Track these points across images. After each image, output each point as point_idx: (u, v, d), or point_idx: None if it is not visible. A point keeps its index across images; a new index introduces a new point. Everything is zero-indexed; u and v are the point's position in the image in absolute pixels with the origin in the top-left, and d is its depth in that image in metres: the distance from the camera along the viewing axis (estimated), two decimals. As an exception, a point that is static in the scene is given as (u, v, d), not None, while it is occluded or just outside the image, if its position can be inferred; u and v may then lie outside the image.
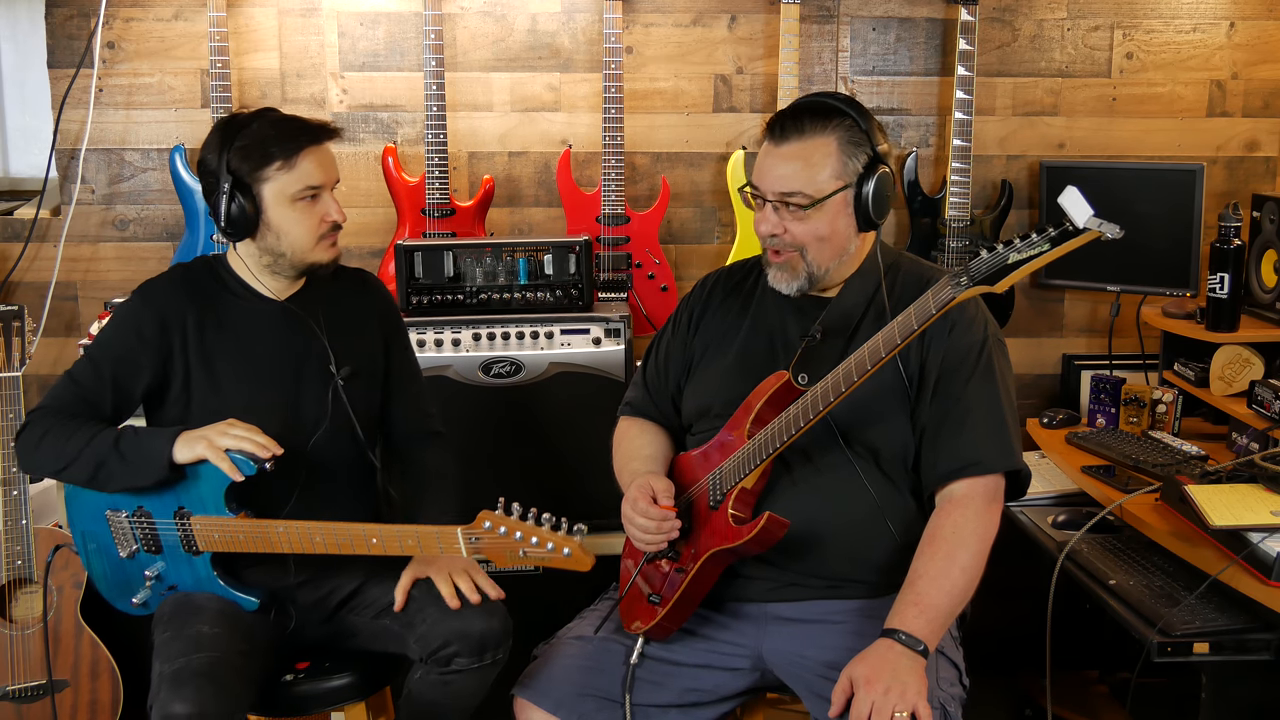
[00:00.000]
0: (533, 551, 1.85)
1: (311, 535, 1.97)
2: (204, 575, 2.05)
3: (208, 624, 1.95)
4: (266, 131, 2.04)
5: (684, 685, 1.94)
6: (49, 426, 2.01)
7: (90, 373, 2.06)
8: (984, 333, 1.92)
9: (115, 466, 1.97)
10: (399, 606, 2.04)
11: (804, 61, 3.19)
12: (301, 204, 2.06)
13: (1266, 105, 3.29)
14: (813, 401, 1.78)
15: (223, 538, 2.00)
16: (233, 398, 2.06)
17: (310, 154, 2.05)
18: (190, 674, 1.83)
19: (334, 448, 2.12)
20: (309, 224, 2.07)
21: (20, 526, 2.58)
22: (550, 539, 1.84)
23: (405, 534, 1.95)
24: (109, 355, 2.06)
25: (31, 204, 3.20)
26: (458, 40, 3.15)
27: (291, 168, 2.04)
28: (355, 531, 1.96)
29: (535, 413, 2.72)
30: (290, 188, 2.04)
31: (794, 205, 1.90)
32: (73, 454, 1.98)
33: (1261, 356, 2.70)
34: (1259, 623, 2.15)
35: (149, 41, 3.11)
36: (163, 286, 2.11)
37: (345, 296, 2.22)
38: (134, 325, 2.07)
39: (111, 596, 2.14)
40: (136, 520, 2.05)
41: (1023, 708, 2.97)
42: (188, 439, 1.96)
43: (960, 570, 1.80)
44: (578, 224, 3.12)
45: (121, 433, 2.00)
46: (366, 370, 2.19)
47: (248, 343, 2.10)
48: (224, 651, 1.89)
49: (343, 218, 2.11)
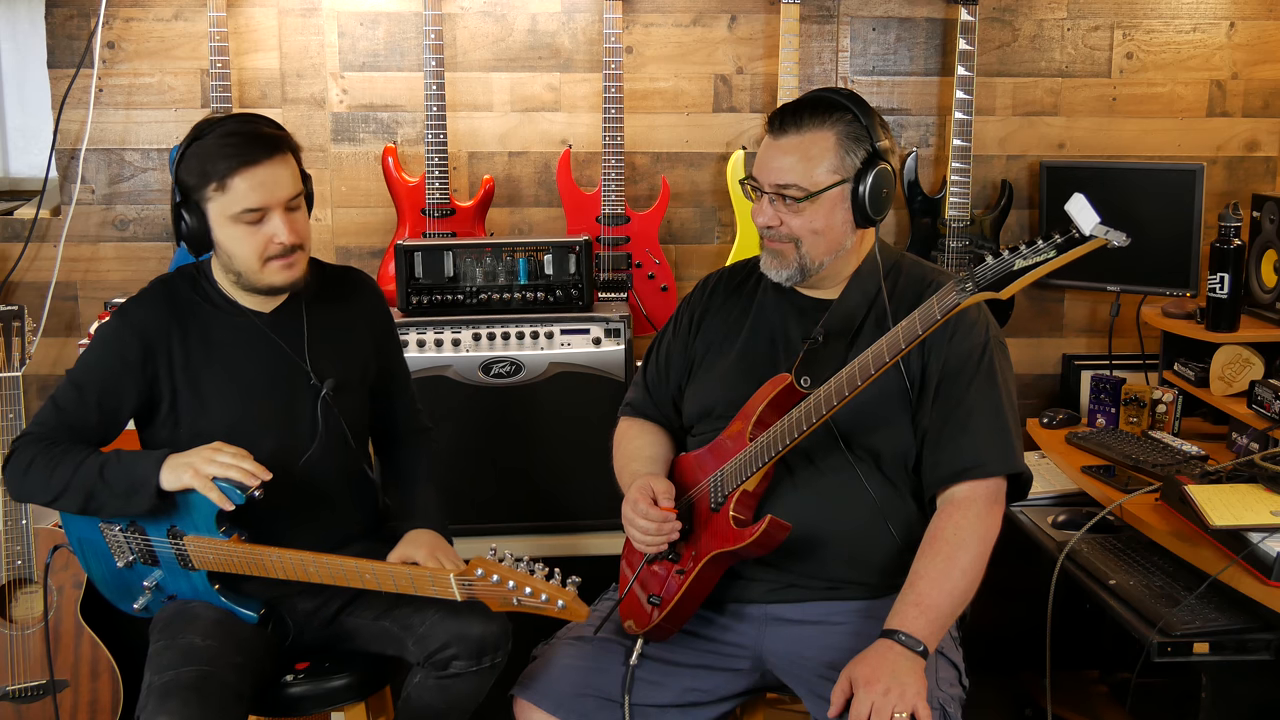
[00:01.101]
0: (526, 601, 1.81)
1: (305, 566, 1.94)
2: (202, 588, 2.03)
3: (201, 635, 1.92)
4: (209, 148, 1.94)
5: (683, 685, 1.94)
6: (34, 456, 1.96)
7: (74, 398, 2.00)
8: (985, 335, 1.92)
9: (105, 498, 1.94)
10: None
11: (804, 61, 3.19)
12: (244, 226, 1.95)
13: (1266, 105, 3.29)
14: (815, 405, 1.77)
15: (217, 559, 1.98)
16: (221, 417, 2.01)
17: (245, 175, 1.92)
18: (178, 687, 1.81)
19: (329, 460, 2.09)
20: (253, 246, 1.96)
21: (20, 526, 2.58)
22: (544, 590, 1.80)
23: (399, 575, 1.92)
24: (93, 380, 2.01)
25: (31, 204, 3.20)
26: (458, 40, 3.15)
27: (225, 190, 1.93)
28: (349, 566, 1.93)
29: (535, 413, 2.72)
30: (227, 210, 1.94)
31: (790, 198, 1.91)
32: (60, 486, 1.94)
33: (1261, 356, 2.70)
34: (1259, 623, 2.15)
35: (149, 41, 3.11)
36: (145, 306, 2.04)
37: (333, 302, 2.16)
38: (117, 349, 2.01)
39: (114, 598, 2.14)
40: (130, 535, 2.03)
41: (1023, 708, 2.97)
42: (174, 466, 1.90)
43: (961, 572, 1.80)
44: (578, 224, 3.12)
45: (106, 461, 1.94)
46: (355, 378, 2.15)
47: (233, 359, 2.05)
48: (215, 666, 1.87)
49: (295, 239, 1.98)
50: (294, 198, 1.99)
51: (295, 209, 2.00)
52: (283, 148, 1.98)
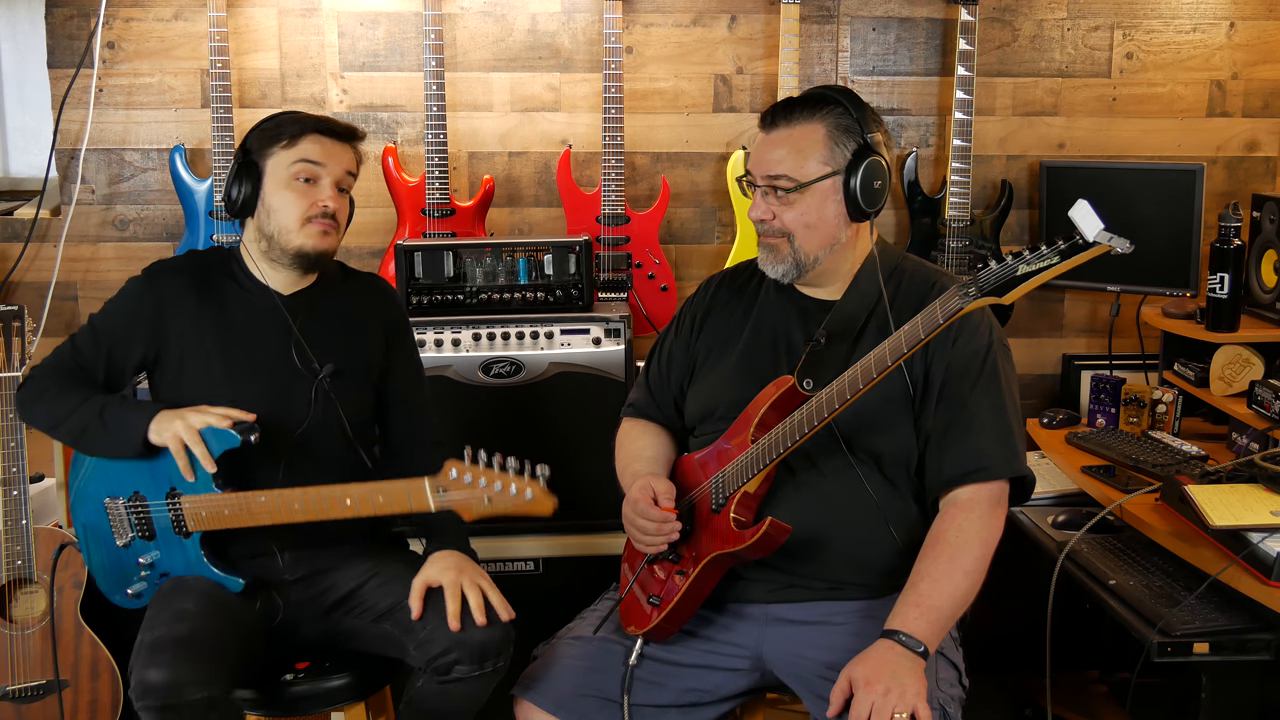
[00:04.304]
0: (496, 498, 1.88)
1: (290, 502, 2.01)
2: (194, 558, 2.09)
3: (192, 602, 1.98)
4: (286, 117, 2.13)
5: (683, 686, 1.94)
6: (47, 385, 2.12)
7: (90, 341, 2.14)
8: (989, 338, 1.92)
9: (97, 434, 2.06)
10: (417, 615, 2.00)
11: (804, 61, 3.19)
12: (297, 184, 2.09)
13: (1266, 105, 3.30)
14: (818, 408, 1.77)
15: (210, 514, 2.05)
16: (222, 387, 2.09)
17: (314, 139, 2.10)
18: (168, 643, 1.86)
19: (325, 446, 2.12)
20: (299, 205, 2.09)
21: (20, 526, 2.58)
22: (513, 482, 1.87)
23: (375, 491, 1.98)
24: (107, 328, 2.14)
25: (31, 204, 3.20)
26: (458, 40, 3.15)
27: (292, 146, 2.09)
28: (331, 494, 2.00)
29: (535, 413, 2.72)
30: (287, 160, 2.09)
31: (781, 190, 1.91)
32: (63, 415, 2.08)
33: (1261, 356, 2.70)
34: (1259, 623, 2.15)
35: (149, 41, 3.12)
36: (171, 270, 2.16)
37: (353, 296, 2.24)
38: (135, 304, 2.13)
39: (108, 589, 2.17)
40: (133, 506, 2.09)
41: (1023, 708, 2.97)
42: (162, 421, 2.01)
43: (963, 573, 1.80)
44: (578, 224, 3.12)
45: (107, 404, 2.07)
46: (359, 370, 2.19)
47: (244, 334, 2.13)
48: (205, 627, 1.92)
49: (336, 206, 2.11)
50: (348, 176, 2.15)
51: (345, 190, 2.15)
52: (354, 138, 2.16)
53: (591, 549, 2.73)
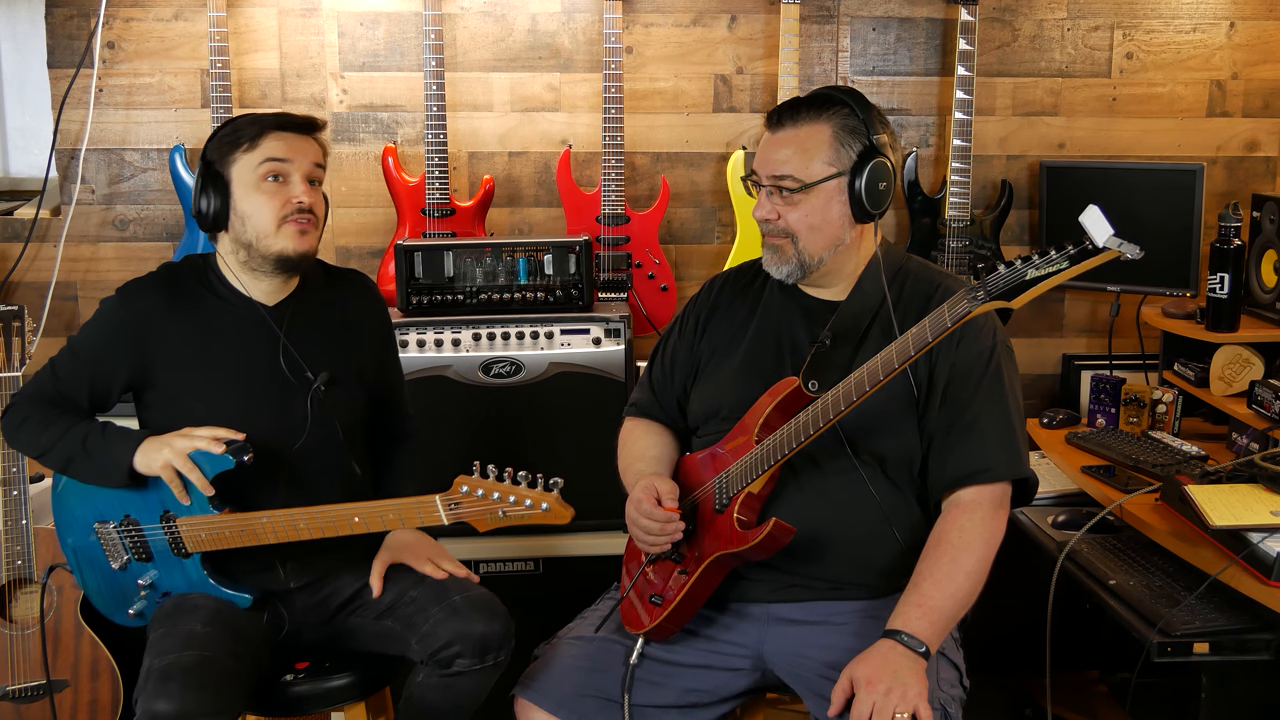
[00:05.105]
0: (511, 510, 1.87)
1: (295, 522, 1.98)
2: (196, 578, 2.04)
3: (201, 623, 1.94)
4: (243, 120, 2.05)
5: (684, 685, 1.94)
6: (28, 414, 2.06)
7: (69, 367, 2.07)
8: (993, 340, 1.92)
9: (83, 465, 2.01)
10: (377, 593, 2.06)
11: (804, 61, 3.19)
12: (267, 185, 2.00)
13: (1266, 105, 3.30)
14: (823, 409, 1.77)
15: (209, 536, 2.00)
16: (214, 405, 2.03)
17: (276, 136, 2.01)
18: (177, 671, 1.82)
19: (321, 454, 2.09)
20: (272, 206, 2.00)
21: (20, 526, 2.58)
22: (528, 495, 1.86)
23: (386, 509, 1.97)
24: (87, 353, 2.07)
25: (31, 204, 3.20)
26: (458, 40, 3.15)
27: (254, 148, 2.01)
28: (337, 513, 1.98)
29: (535, 413, 2.72)
30: (253, 163, 2.00)
31: (785, 190, 1.91)
32: (46, 445, 2.03)
33: (1261, 356, 2.70)
34: (1259, 623, 2.15)
35: (149, 41, 3.11)
36: (145, 289, 2.07)
37: (338, 301, 2.18)
38: (113, 327, 2.05)
39: (108, 610, 2.14)
40: (124, 529, 2.04)
41: (1023, 708, 2.97)
42: (148, 449, 1.96)
43: (965, 574, 1.80)
44: (578, 224, 3.12)
45: (90, 432, 2.01)
46: (352, 376, 2.16)
47: (230, 349, 2.06)
48: (214, 652, 1.88)
49: (311, 200, 2.03)
50: (317, 169, 2.06)
51: (316, 183, 2.07)
52: (315, 129, 2.08)
53: (591, 549, 2.73)
